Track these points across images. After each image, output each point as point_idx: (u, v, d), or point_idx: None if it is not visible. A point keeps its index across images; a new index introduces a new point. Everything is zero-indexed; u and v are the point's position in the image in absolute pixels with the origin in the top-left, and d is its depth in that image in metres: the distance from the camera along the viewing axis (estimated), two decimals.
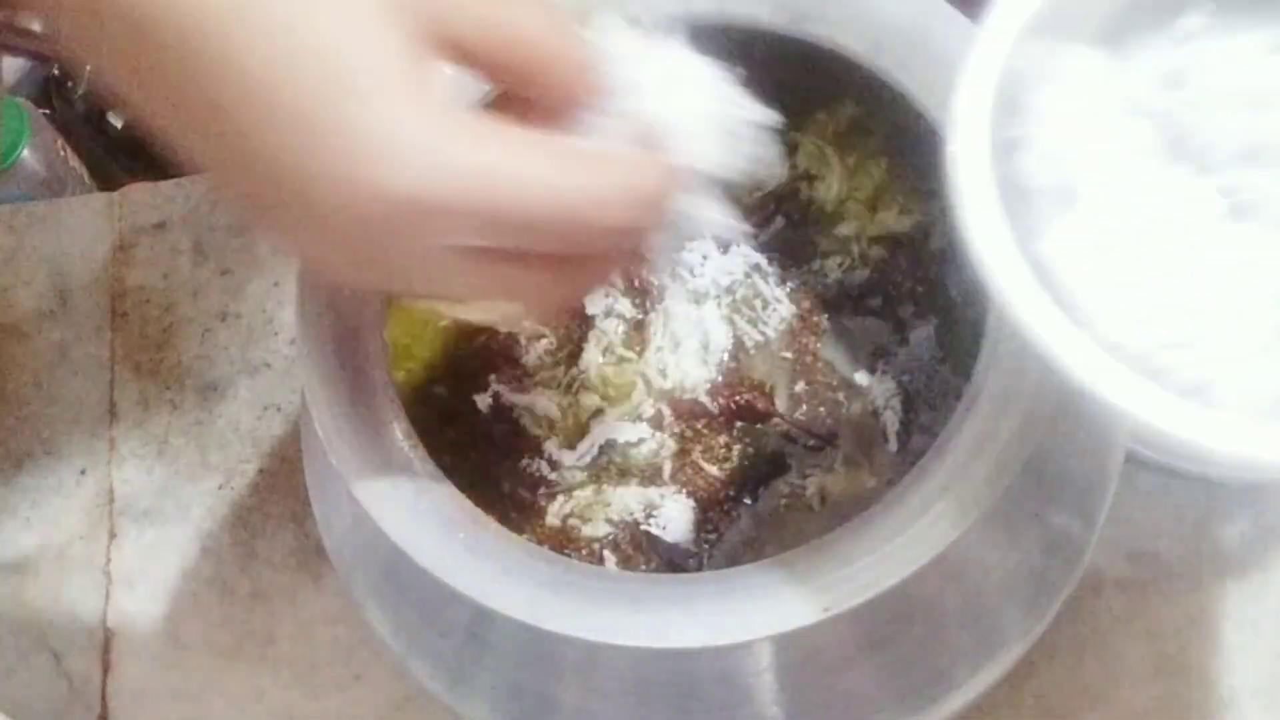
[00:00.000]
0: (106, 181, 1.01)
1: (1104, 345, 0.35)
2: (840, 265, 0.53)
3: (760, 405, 0.51)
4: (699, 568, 0.49)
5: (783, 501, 0.50)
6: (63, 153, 0.98)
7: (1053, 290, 0.36)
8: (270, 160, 0.35)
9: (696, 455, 0.51)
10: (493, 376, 0.52)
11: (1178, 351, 0.36)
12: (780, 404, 0.51)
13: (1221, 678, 0.57)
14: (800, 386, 0.52)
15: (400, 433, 0.44)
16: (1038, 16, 0.39)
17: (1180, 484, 0.60)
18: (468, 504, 0.44)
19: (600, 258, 0.41)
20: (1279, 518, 0.59)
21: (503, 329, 0.52)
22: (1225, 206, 0.38)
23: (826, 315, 0.53)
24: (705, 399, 0.51)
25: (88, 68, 0.38)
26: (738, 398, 0.51)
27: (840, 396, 0.51)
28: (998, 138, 0.38)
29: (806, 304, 0.53)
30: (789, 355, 0.52)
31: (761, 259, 0.53)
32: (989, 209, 0.37)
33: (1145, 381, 0.35)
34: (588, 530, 0.50)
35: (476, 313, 0.44)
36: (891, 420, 0.50)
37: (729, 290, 0.53)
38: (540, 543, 0.49)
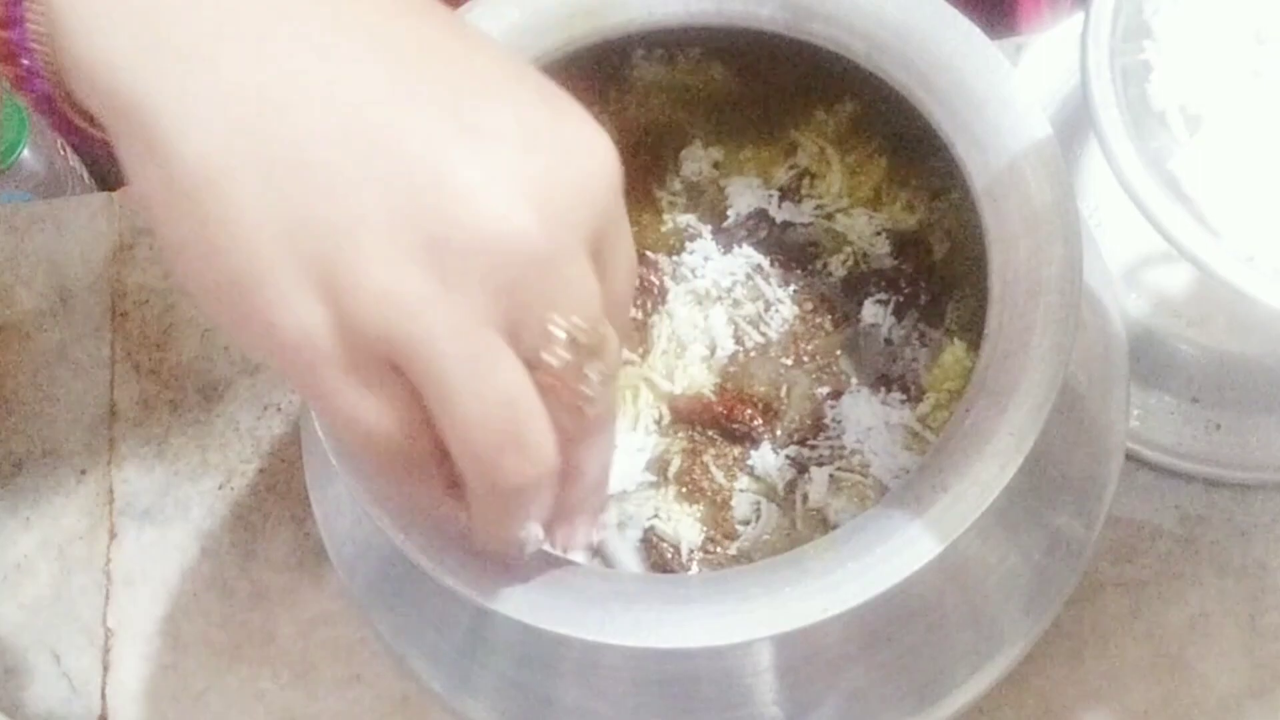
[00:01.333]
0: (106, 181, 1.01)
1: (1238, 252, 0.38)
2: (843, 265, 0.53)
3: (759, 427, 0.51)
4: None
5: (792, 517, 0.50)
6: (63, 153, 0.98)
7: (1186, 205, 0.38)
8: None
9: (708, 459, 0.51)
10: None
11: None
12: (785, 410, 0.51)
13: (1221, 678, 0.57)
14: (803, 390, 0.52)
15: None
16: None
17: (1180, 484, 0.60)
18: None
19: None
20: (1278, 517, 0.59)
21: None
22: None
23: (829, 316, 0.53)
24: (711, 402, 0.51)
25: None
26: (736, 424, 0.51)
27: (843, 400, 0.51)
28: (1132, 61, 0.39)
29: (809, 305, 0.53)
30: (788, 361, 0.52)
31: (763, 260, 0.53)
32: (1119, 129, 0.39)
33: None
34: None
35: None
36: (894, 420, 0.50)
37: (729, 291, 0.53)
38: None
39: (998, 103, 0.45)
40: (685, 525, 0.50)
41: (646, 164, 0.55)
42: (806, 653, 0.44)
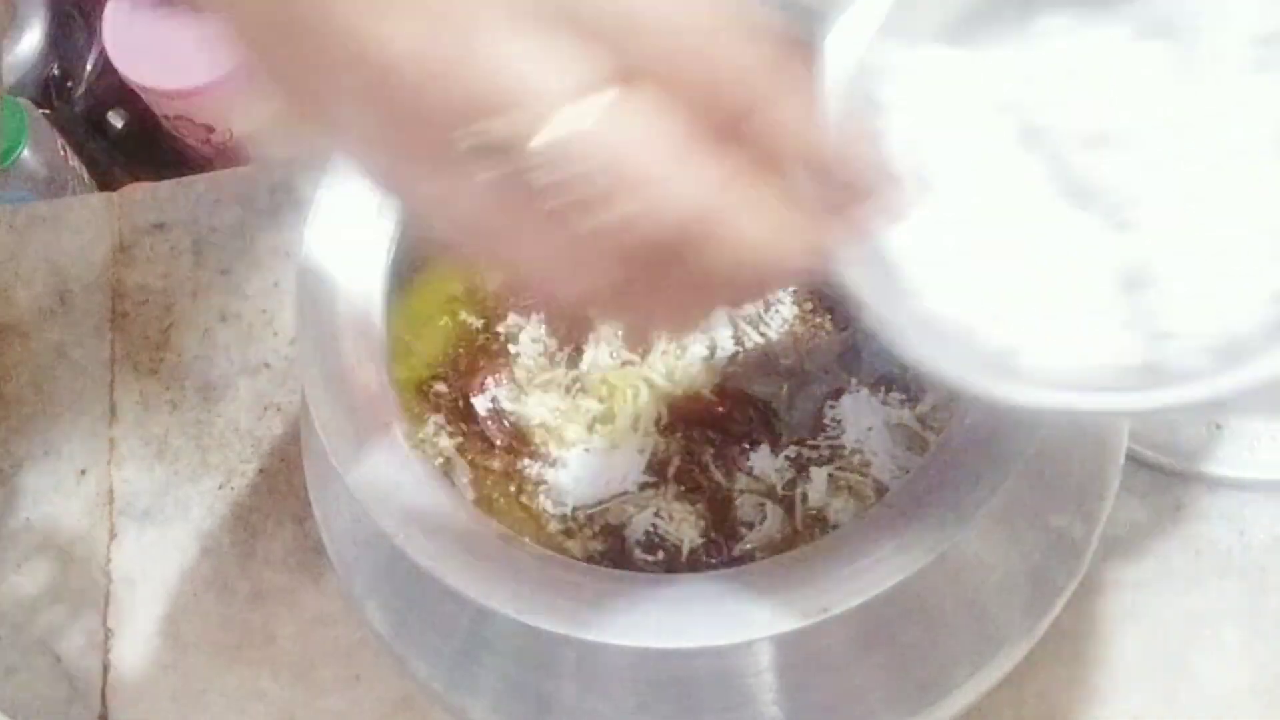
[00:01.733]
0: (106, 181, 1.01)
1: (925, 312, 0.38)
2: None
3: (759, 427, 0.51)
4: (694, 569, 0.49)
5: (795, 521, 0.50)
6: (63, 153, 0.98)
7: (888, 267, 0.38)
8: None
9: (707, 458, 0.51)
10: (490, 380, 0.52)
11: (991, 321, 0.38)
12: (785, 410, 0.51)
13: (1221, 678, 0.57)
14: (803, 390, 0.52)
15: (400, 433, 0.44)
16: (889, 18, 0.40)
17: (1180, 484, 0.60)
18: (467, 504, 0.44)
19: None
20: (1278, 517, 0.59)
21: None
22: (1069, 191, 0.39)
23: (829, 316, 0.53)
24: (711, 402, 0.51)
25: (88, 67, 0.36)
26: (736, 424, 0.51)
27: (843, 400, 0.51)
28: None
29: (809, 305, 0.53)
30: (788, 361, 0.52)
31: None
32: None
33: (954, 341, 0.37)
34: (585, 530, 0.50)
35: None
36: (894, 420, 0.50)
37: None
38: (538, 542, 0.49)
39: None
40: (685, 525, 0.50)
41: None
42: (806, 653, 0.44)
